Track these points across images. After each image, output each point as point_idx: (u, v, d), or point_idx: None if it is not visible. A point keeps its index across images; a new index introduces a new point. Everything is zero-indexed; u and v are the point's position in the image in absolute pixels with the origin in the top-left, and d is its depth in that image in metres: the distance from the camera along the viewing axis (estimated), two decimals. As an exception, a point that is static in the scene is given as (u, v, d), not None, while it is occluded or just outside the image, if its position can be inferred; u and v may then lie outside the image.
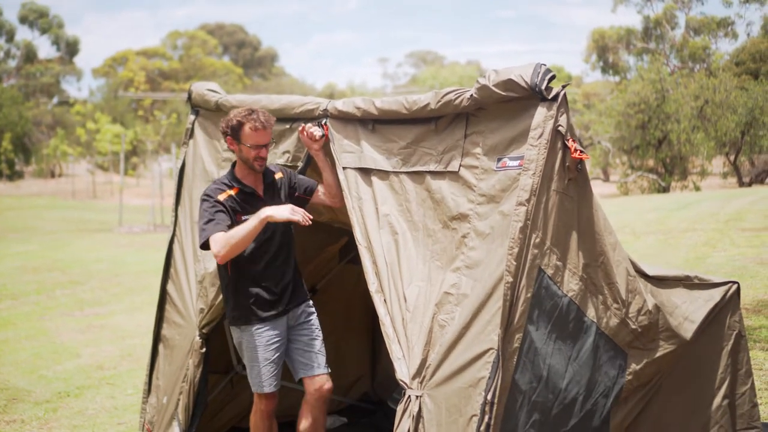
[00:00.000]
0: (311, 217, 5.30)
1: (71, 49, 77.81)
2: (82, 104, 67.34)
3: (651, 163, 42.59)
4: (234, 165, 5.69)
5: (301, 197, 5.81)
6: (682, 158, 41.58)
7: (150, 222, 32.16)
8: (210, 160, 6.54)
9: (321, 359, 5.82)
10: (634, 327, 4.58)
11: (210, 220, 5.38)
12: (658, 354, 4.70)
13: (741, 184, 40.19)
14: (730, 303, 5.22)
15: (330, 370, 5.84)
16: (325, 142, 5.49)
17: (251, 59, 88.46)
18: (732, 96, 38.46)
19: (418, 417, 4.37)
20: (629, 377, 4.58)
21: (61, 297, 16.76)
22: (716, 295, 5.18)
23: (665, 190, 40.04)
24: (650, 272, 4.90)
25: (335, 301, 8.00)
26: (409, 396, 4.43)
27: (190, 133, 6.83)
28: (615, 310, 4.51)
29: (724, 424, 5.07)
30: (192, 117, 6.84)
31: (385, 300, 4.74)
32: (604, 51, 51.18)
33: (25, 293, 17.10)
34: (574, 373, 4.40)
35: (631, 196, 38.60)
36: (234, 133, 5.53)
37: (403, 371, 4.51)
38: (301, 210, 5.26)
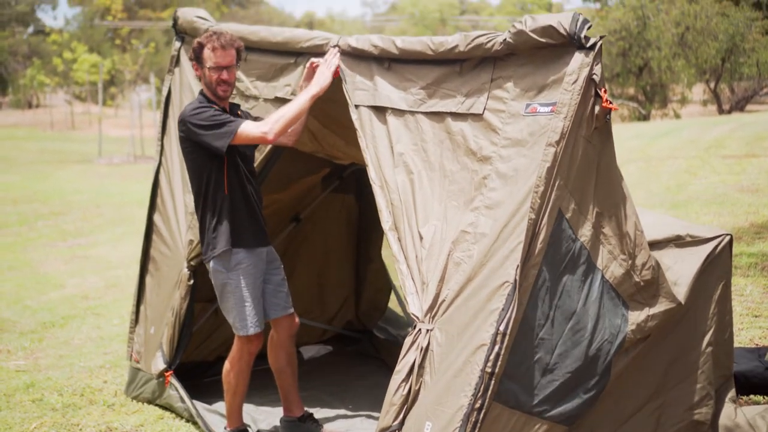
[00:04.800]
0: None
1: (45, -23, 76.47)
2: (58, 33, 66.34)
3: (631, 90, 42.54)
4: (201, 93, 5.57)
5: None
6: (662, 86, 41.54)
7: (130, 153, 32.00)
8: (199, 89, 6.43)
9: (290, 298, 5.83)
10: (637, 280, 4.63)
11: (225, 121, 5.26)
12: (659, 309, 4.75)
13: (721, 111, 40.26)
14: (721, 255, 5.23)
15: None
16: (334, 79, 5.36)
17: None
18: (713, 23, 38.33)
19: (426, 350, 4.44)
20: (632, 327, 4.62)
21: (43, 228, 16.75)
22: (708, 248, 5.20)
23: (645, 117, 40.04)
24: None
25: (319, 230, 8.03)
26: (420, 329, 4.49)
27: (176, 61, 6.68)
28: (621, 261, 4.56)
29: (706, 370, 5.11)
30: (177, 44, 6.67)
31: (399, 238, 4.78)
32: (586, -23, 50.78)
33: (6, 224, 17.07)
34: (581, 317, 4.45)
35: (612, 124, 38.57)
36: (197, 57, 5.46)
37: (415, 305, 4.57)
38: (331, 63, 5.29)
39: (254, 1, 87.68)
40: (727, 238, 5.30)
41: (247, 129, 5.25)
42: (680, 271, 5.03)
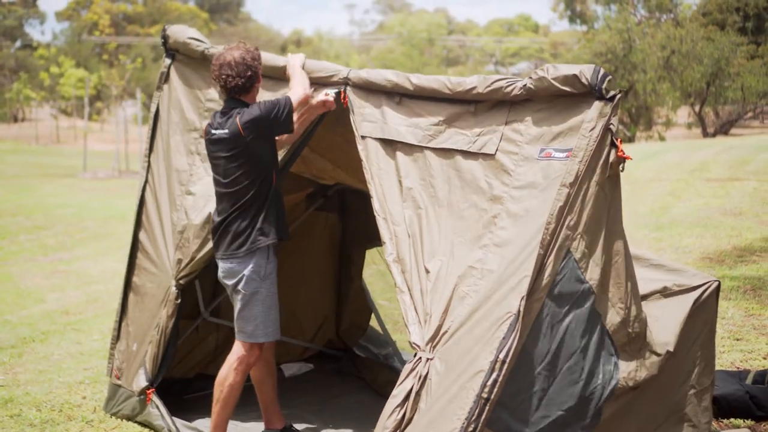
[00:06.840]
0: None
1: (33, -9, 76.46)
2: (45, 48, 66.32)
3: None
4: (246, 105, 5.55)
5: None
6: (647, 108, 41.82)
7: (114, 168, 31.93)
8: (190, 108, 6.37)
9: None
10: (630, 330, 4.67)
11: (276, 101, 5.39)
12: (645, 363, 4.79)
13: (705, 134, 40.50)
14: (707, 301, 5.26)
15: None
16: (343, 110, 5.40)
17: (217, 4, 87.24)
18: (698, 47, 38.60)
19: (425, 378, 4.48)
20: (624, 375, 4.66)
21: (25, 242, 16.65)
22: (695, 295, 5.23)
23: (630, 140, 40.25)
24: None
25: (302, 247, 8.00)
26: (420, 357, 4.54)
27: (165, 78, 6.59)
28: (619, 309, 4.61)
29: (689, 411, 5.14)
30: (168, 61, 6.58)
31: (403, 270, 4.83)
32: (572, 0, 51.07)
33: (-12, 238, 16.96)
34: (580, 359, 4.48)
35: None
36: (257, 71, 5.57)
37: (417, 335, 4.63)
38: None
39: (242, 18, 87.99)
40: (715, 284, 5.32)
41: (296, 97, 5.39)
42: (667, 321, 5.08)
